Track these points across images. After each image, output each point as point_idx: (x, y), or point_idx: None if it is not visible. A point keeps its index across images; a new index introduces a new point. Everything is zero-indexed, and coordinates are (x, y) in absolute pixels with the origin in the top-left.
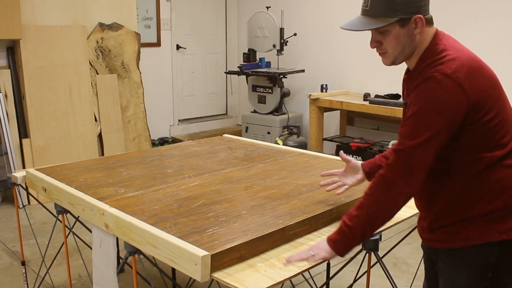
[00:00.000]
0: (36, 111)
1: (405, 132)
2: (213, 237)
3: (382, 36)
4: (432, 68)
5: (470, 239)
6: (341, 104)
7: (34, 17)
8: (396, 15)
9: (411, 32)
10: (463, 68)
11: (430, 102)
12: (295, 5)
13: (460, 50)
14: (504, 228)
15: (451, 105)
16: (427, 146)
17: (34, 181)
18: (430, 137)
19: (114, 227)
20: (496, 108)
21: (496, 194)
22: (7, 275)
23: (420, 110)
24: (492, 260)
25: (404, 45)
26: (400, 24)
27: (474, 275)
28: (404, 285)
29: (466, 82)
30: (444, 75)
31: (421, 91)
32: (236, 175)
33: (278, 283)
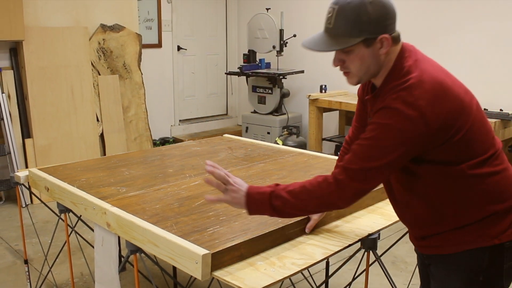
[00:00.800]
0: (38, 111)
1: (360, 153)
2: (214, 236)
3: (346, 55)
4: (395, 93)
5: (462, 245)
6: (340, 104)
7: (36, 19)
8: (360, 35)
9: (376, 52)
10: (426, 95)
11: (391, 130)
12: (294, 6)
13: (425, 71)
14: (495, 232)
15: (412, 135)
16: (378, 171)
17: (36, 181)
18: (385, 164)
19: (116, 226)
20: (466, 126)
21: (483, 202)
22: (10, 273)
23: (379, 135)
24: (484, 265)
25: (369, 65)
26: (365, 44)
27: (465, 279)
28: (402, 283)
29: (428, 110)
30: (406, 104)
31: (383, 117)
32: (236, 175)
33: (278, 282)
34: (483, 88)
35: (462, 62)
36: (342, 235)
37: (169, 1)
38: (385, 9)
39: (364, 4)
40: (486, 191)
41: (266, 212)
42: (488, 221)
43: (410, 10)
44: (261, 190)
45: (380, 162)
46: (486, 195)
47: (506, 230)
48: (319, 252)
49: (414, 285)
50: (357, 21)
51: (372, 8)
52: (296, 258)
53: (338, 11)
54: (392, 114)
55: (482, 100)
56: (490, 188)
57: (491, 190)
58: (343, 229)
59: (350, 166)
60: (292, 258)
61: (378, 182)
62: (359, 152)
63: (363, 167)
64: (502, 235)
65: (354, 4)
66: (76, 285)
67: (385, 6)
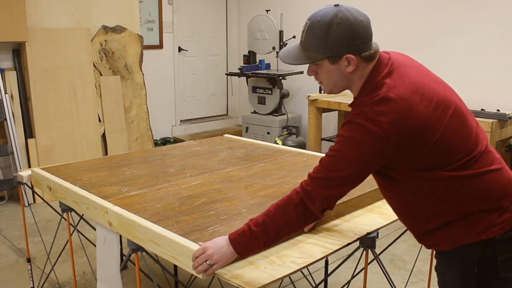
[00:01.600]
0: (41, 111)
1: (325, 163)
2: (214, 235)
3: (317, 67)
4: (359, 109)
5: (453, 242)
6: (339, 105)
7: (39, 20)
8: (325, 52)
9: (343, 69)
10: (388, 112)
11: (353, 143)
12: (294, 8)
13: (392, 88)
14: (480, 229)
15: (373, 149)
16: (343, 180)
17: (39, 180)
18: (348, 174)
19: (118, 225)
20: (433, 139)
21: (465, 201)
22: (13, 272)
23: (343, 147)
24: (476, 258)
25: (337, 80)
26: (331, 61)
27: (460, 271)
28: (400, 282)
29: (389, 126)
30: (367, 119)
31: (347, 130)
32: (237, 174)
33: (278, 280)
34: (479, 89)
35: (458, 63)
36: (341, 234)
37: (170, 3)
38: (352, 30)
39: (331, 24)
40: (465, 193)
41: (254, 245)
42: (471, 218)
43: (408, 12)
44: (239, 230)
45: (344, 173)
46: (465, 196)
47: (493, 226)
48: (318, 250)
49: (412, 283)
50: (323, 39)
51: (339, 29)
52: (296, 257)
53: (308, 27)
54: (354, 128)
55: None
56: (469, 190)
57: (470, 192)
58: (342, 228)
59: (316, 175)
60: (291, 256)
61: (346, 190)
62: (325, 162)
63: (328, 177)
64: (488, 231)
65: (322, 23)
66: (78, 283)
67: (353, 28)
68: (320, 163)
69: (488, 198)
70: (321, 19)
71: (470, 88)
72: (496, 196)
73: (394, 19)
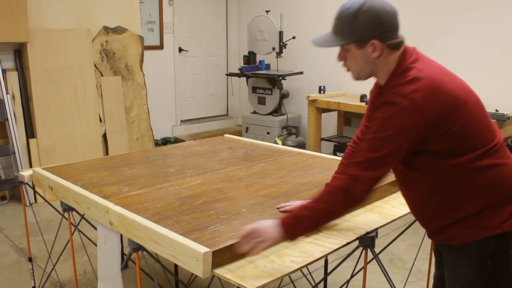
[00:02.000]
0: (42, 112)
1: (367, 146)
2: (214, 234)
3: (345, 53)
4: (393, 89)
5: (468, 237)
6: (339, 105)
7: (40, 21)
8: (352, 37)
9: (368, 55)
10: (421, 89)
11: (389, 122)
12: (294, 9)
13: (422, 70)
14: (497, 223)
15: (408, 123)
16: (384, 160)
17: (40, 180)
18: (388, 153)
19: (118, 225)
20: (461, 121)
21: (483, 193)
22: (14, 271)
23: (380, 128)
24: (490, 251)
25: (363, 66)
26: (357, 46)
27: (474, 264)
28: (399, 281)
29: (422, 101)
30: (401, 97)
31: (383, 111)
32: (237, 174)
33: (277, 279)
34: (479, 89)
35: (458, 63)
36: (341, 234)
37: (170, 4)
38: (378, 18)
39: (359, 11)
40: (485, 184)
41: (301, 228)
42: (488, 212)
43: (409, 13)
44: (289, 214)
45: (383, 151)
46: (484, 188)
47: (507, 220)
48: (318, 250)
49: (411, 283)
50: (351, 25)
51: (365, 16)
52: (295, 256)
53: (339, 14)
54: (389, 107)
55: None
56: (489, 181)
57: (490, 183)
58: (341, 228)
59: (359, 159)
60: (291, 256)
61: (386, 170)
62: (366, 145)
63: (370, 158)
64: (504, 225)
65: (351, 10)
66: (79, 282)
67: (379, 16)
68: (362, 148)
69: (505, 191)
70: (350, 7)
71: None
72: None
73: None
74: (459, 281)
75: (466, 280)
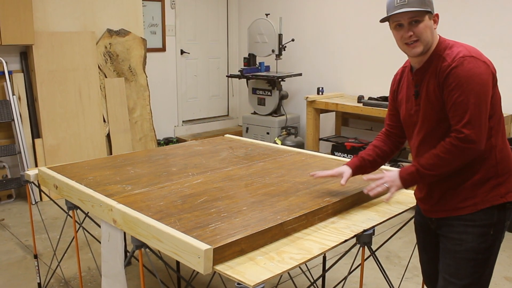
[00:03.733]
0: (47, 112)
1: (463, 110)
2: (215, 232)
3: (415, 25)
4: (454, 56)
5: (477, 205)
6: (337, 106)
7: (46, 24)
8: (427, 8)
9: (433, 26)
10: (477, 52)
11: (473, 79)
12: (293, 12)
13: (465, 44)
14: (504, 192)
15: (486, 76)
16: (483, 112)
17: (46, 179)
18: (483, 105)
19: (122, 222)
20: (495, 85)
21: (497, 161)
22: (20, 267)
23: (467, 87)
24: (494, 220)
25: (429, 36)
26: (429, 17)
27: (479, 233)
28: (396, 277)
29: (487, 60)
30: (471, 57)
31: (458, 75)
32: (237, 173)
33: (277, 275)
34: None
35: None
36: (338, 231)
37: (172, 7)
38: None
39: None
40: (504, 150)
41: (419, 181)
42: (498, 181)
43: None
44: (409, 169)
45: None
46: (500, 155)
47: (510, 191)
48: (316, 247)
49: (408, 279)
50: None
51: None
52: (294, 253)
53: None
54: (466, 68)
55: None
56: (502, 149)
57: (502, 151)
58: (339, 225)
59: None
60: (290, 253)
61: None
62: (462, 112)
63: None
64: (507, 195)
65: None
66: (84, 279)
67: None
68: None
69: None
70: None
71: None
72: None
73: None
74: (464, 248)
75: (471, 248)
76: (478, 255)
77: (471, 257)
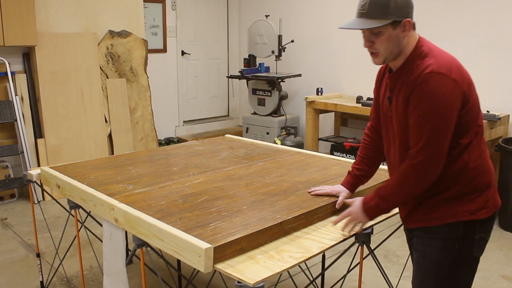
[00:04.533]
0: (50, 113)
1: (419, 132)
2: (216, 231)
3: (375, 36)
4: (423, 69)
5: (444, 218)
6: (336, 106)
7: (48, 25)
8: (390, 17)
9: (400, 34)
10: (452, 66)
11: (434, 100)
12: (292, 14)
13: (442, 52)
14: (473, 209)
15: (452, 97)
16: (441, 137)
17: (48, 178)
18: (442, 129)
19: (123, 221)
20: (472, 100)
21: (471, 178)
22: (23, 266)
23: (427, 109)
24: (459, 235)
25: (394, 46)
26: (393, 26)
27: (443, 246)
28: (394, 276)
29: (458, 77)
30: (439, 74)
31: (421, 93)
32: (237, 173)
33: (276, 274)
34: None
35: None
36: (337, 230)
37: (173, 9)
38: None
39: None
40: (475, 169)
41: (382, 213)
42: (470, 197)
43: None
44: (371, 203)
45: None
46: (474, 172)
47: (482, 208)
48: (315, 246)
49: (406, 277)
50: (386, 5)
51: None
52: (294, 252)
53: (371, 0)
54: (431, 86)
55: None
56: (476, 166)
57: (476, 168)
58: (338, 224)
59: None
60: (290, 251)
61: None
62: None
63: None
64: (478, 213)
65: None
66: (86, 277)
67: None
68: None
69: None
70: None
71: None
72: (489, 177)
73: None
74: (427, 261)
75: (434, 261)
76: (442, 269)
77: (434, 271)
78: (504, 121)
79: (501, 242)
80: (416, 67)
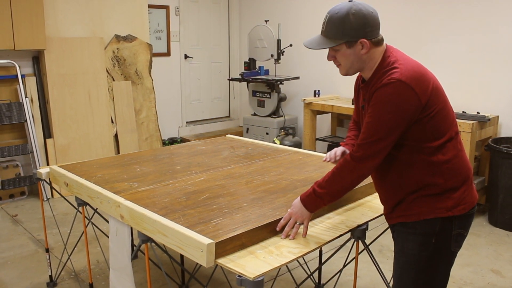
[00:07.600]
0: (58, 114)
1: (366, 131)
2: (217, 227)
3: (335, 52)
4: (387, 76)
5: (422, 214)
6: (332, 107)
7: (57, 30)
8: (343, 38)
9: (358, 52)
10: (413, 75)
11: (387, 105)
12: (291, 19)
13: (408, 61)
14: (449, 206)
15: (406, 106)
16: (384, 140)
17: (57, 177)
18: (386, 133)
19: (129, 218)
20: (437, 107)
21: (447, 177)
22: (33, 261)
23: (379, 112)
24: (436, 230)
25: (353, 62)
26: (347, 45)
27: (420, 240)
28: (388, 270)
29: (416, 86)
30: (398, 81)
31: (379, 95)
32: (238, 171)
33: (275, 268)
34: (462, 92)
35: (443, 69)
36: (334, 226)
37: (177, 14)
38: (365, 19)
39: (348, 15)
40: (450, 168)
41: (320, 203)
42: (447, 195)
43: (397, 21)
44: (307, 192)
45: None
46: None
47: (459, 205)
48: (313, 241)
49: None
50: (341, 27)
51: (354, 18)
52: (292, 247)
53: (329, 19)
54: (387, 92)
55: (461, 103)
56: (452, 165)
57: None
58: (334, 221)
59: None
60: (288, 247)
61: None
62: (365, 130)
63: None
64: (455, 209)
65: (340, 14)
66: (93, 271)
67: (366, 17)
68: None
69: (461, 177)
70: (339, 11)
71: (453, 92)
72: (465, 176)
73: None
74: (405, 255)
75: (412, 255)
76: (420, 262)
77: (412, 265)
78: (494, 122)
79: (490, 237)
80: (383, 75)
